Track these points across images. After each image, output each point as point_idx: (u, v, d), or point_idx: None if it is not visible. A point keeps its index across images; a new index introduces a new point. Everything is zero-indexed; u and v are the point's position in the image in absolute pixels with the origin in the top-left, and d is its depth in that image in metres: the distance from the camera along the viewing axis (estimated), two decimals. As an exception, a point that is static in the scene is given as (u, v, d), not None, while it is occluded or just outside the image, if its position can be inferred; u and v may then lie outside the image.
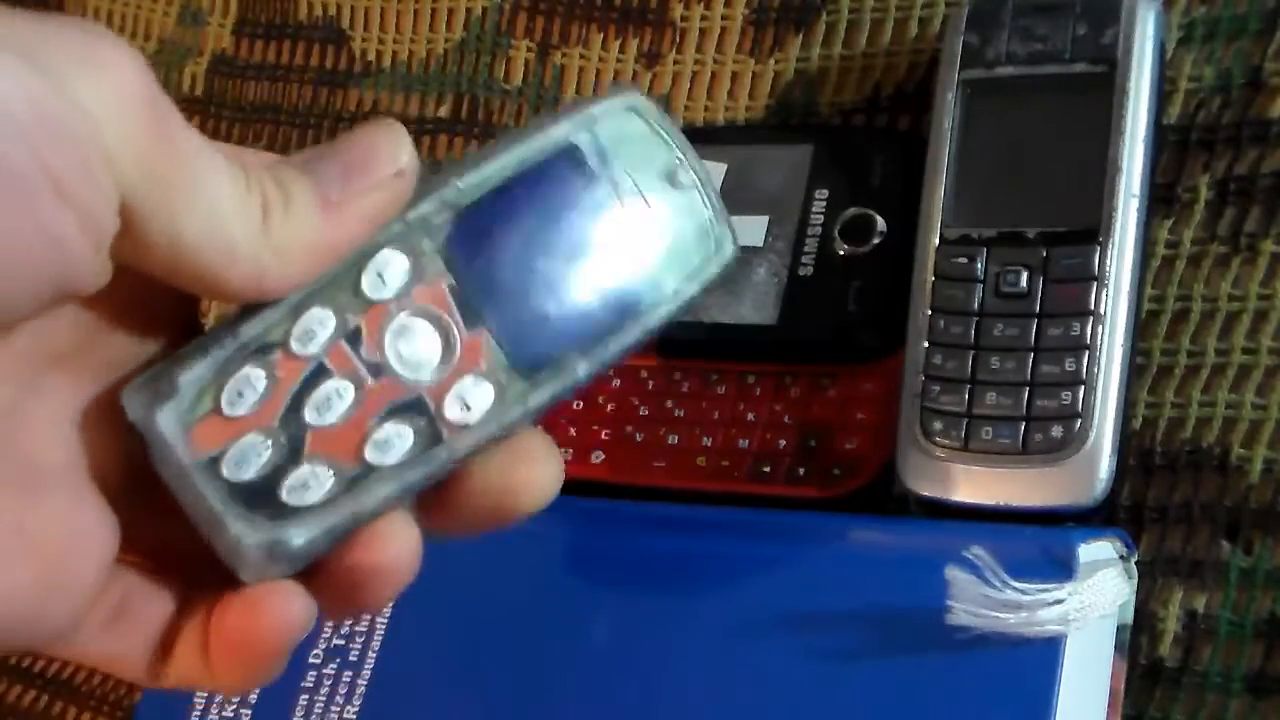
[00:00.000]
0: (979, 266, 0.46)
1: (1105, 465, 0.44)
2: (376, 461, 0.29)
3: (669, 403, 0.52)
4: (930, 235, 0.47)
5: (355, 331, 0.30)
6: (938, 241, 0.47)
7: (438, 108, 0.63)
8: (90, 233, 0.26)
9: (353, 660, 0.49)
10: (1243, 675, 0.44)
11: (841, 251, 0.50)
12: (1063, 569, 0.41)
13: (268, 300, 0.29)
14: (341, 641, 0.49)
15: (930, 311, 0.46)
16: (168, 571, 0.31)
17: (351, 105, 0.65)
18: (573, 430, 0.53)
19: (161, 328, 0.30)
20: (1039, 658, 0.40)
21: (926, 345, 0.46)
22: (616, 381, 0.53)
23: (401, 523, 0.30)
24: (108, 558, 0.29)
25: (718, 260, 0.32)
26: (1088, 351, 0.44)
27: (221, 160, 0.28)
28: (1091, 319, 0.44)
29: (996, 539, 0.41)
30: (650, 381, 0.53)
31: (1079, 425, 0.44)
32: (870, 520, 0.47)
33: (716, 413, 0.51)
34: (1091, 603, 0.40)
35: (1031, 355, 0.45)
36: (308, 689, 0.49)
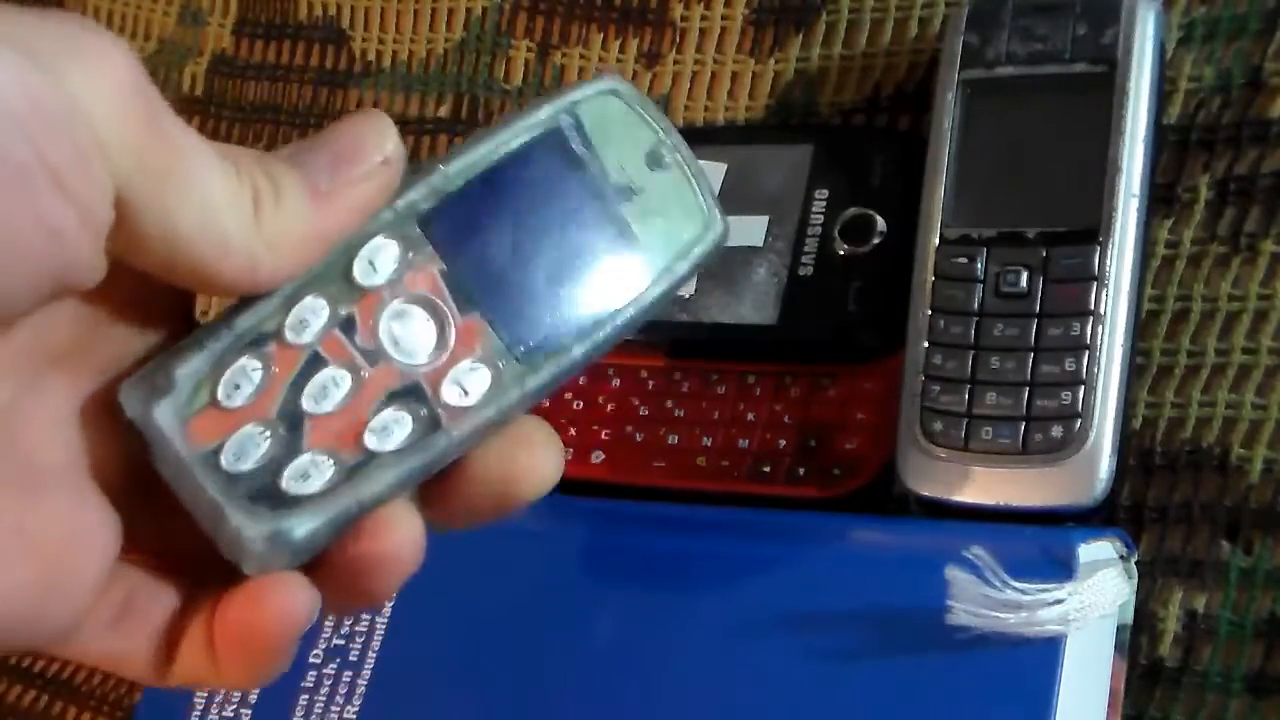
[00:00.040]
0: (979, 266, 0.46)
1: (1105, 465, 0.44)
2: (376, 448, 0.29)
3: (669, 403, 0.52)
4: (930, 235, 0.47)
5: (349, 319, 0.30)
6: (938, 241, 0.47)
7: (438, 108, 0.63)
8: (88, 224, 0.26)
9: (353, 660, 0.49)
10: (1243, 675, 0.44)
11: (841, 251, 0.50)
12: (1063, 569, 0.41)
13: (261, 292, 0.29)
14: (341, 641, 0.49)
15: (930, 311, 0.46)
16: (171, 570, 0.31)
17: (352, 105, 0.65)
18: (573, 430, 0.53)
19: (158, 326, 0.30)
20: (1039, 658, 0.40)
21: (926, 345, 0.46)
22: (616, 381, 0.53)
23: (404, 511, 0.30)
24: (110, 557, 0.29)
25: (708, 238, 0.33)
26: (1088, 351, 0.44)
27: (212, 153, 0.28)
28: (1091, 319, 0.44)
29: (996, 539, 0.41)
30: (650, 381, 0.53)
31: (1079, 425, 0.44)
32: (870, 520, 0.47)
33: (716, 413, 0.51)
34: (1091, 603, 0.40)
35: (1031, 355, 0.45)
36: (308, 689, 0.49)
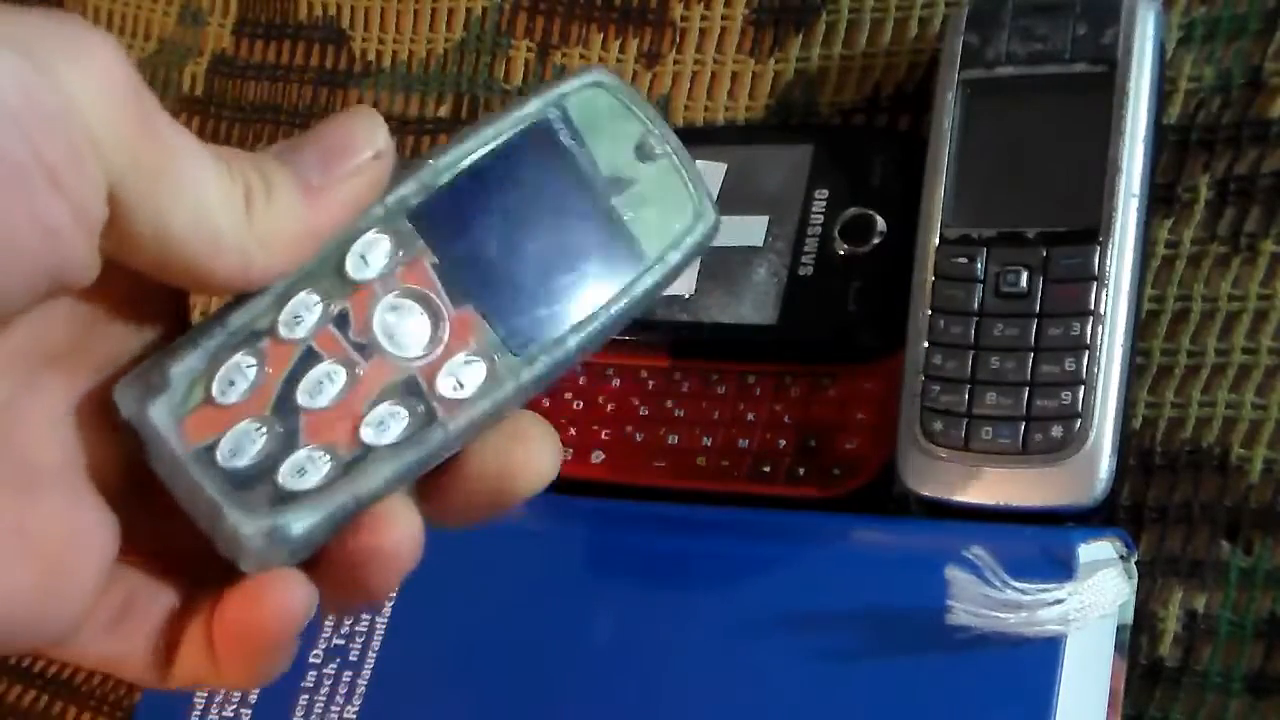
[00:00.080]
0: (979, 266, 0.46)
1: (1105, 465, 0.44)
2: (372, 442, 0.29)
3: (669, 403, 0.52)
4: (930, 235, 0.47)
5: (342, 315, 0.30)
6: (938, 241, 0.47)
7: (438, 108, 0.63)
8: (82, 222, 0.26)
9: (353, 660, 0.49)
10: (1243, 675, 0.44)
11: (841, 251, 0.50)
12: (1063, 569, 0.41)
13: (254, 290, 0.29)
14: (341, 641, 0.49)
15: (930, 311, 0.46)
16: (170, 571, 0.31)
17: (354, 105, 0.65)
18: (573, 430, 0.53)
19: (153, 325, 0.30)
20: (1039, 658, 0.40)
21: (926, 345, 0.46)
22: (616, 381, 0.53)
23: (402, 507, 0.30)
24: (108, 558, 0.29)
25: (699, 228, 0.33)
26: (1088, 351, 0.44)
27: (204, 152, 0.28)
28: (1091, 319, 0.44)
29: (996, 539, 0.41)
30: (650, 381, 0.53)
31: (1079, 425, 0.44)
32: (870, 520, 0.47)
33: (716, 413, 0.51)
34: (1091, 603, 0.40)
35: (1031, 355, 0.45)
36: (308, 689, 0.49)
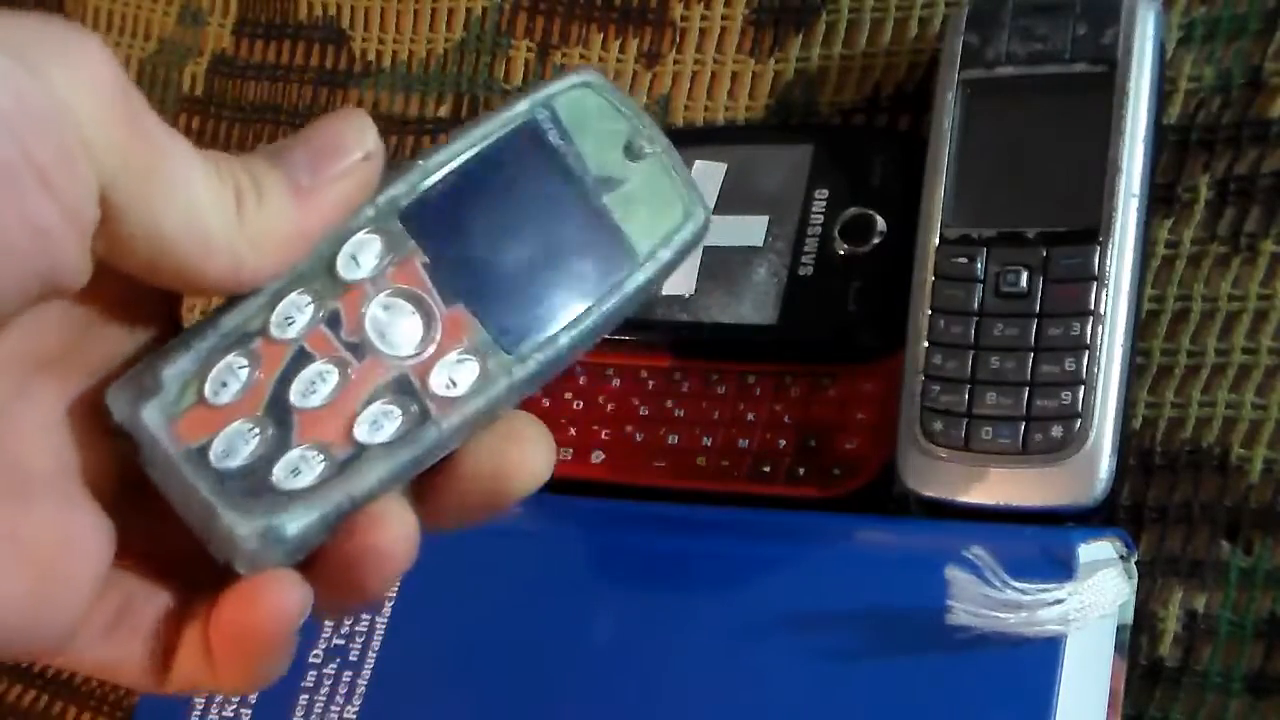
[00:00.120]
0: (979, 266, 0.46)
1: (1105, 465, 0.44)
2: (366, 441, 0.30)
3: (669, 403, 0.52)
4: (930, 235, 0.47)
5: (334, 315, 0.30)
6: (938, 241, 0.47)
7: (438, 108, 0.63)
8: (74, 223, 0.26)
9: (353, 660, 0.49)
10: (1243, 675, 0.44)
11: (841, 251, 0.50)
12: (1063, 569, 0.41)
13: (246, 291, 0.29)
14: (341, 641, 0.49)
15: (930, 311, 0.46)
16: (166, 575, 0.31)
17: (351, 105, 0.65)
18: (573, 430, 0.53)
19: (145, 329, 0.30)
20: (1039, 658, 0.40)
21: (926, 345, 0.46)
22: (616, 381, 0.53)
23: (397, 506, 0.30)
24: (103, 563, 0.29)
25: (689, 225, 0.33)
26: (1088, 351, 0.44)
27: (195, 154, 0.28)
28: (1091, 319, 0.44)
29: (996, 539, 0.41)
30: (650, 381, 0.53)
31: (1079, 425, 0.44)
32: (870, 520, 0.47)
33: (716, 413, 0.51)
34: (1091, 603, 0.40)
35: (1031, 355, 0.45)
36: (308, 689, 0.49)
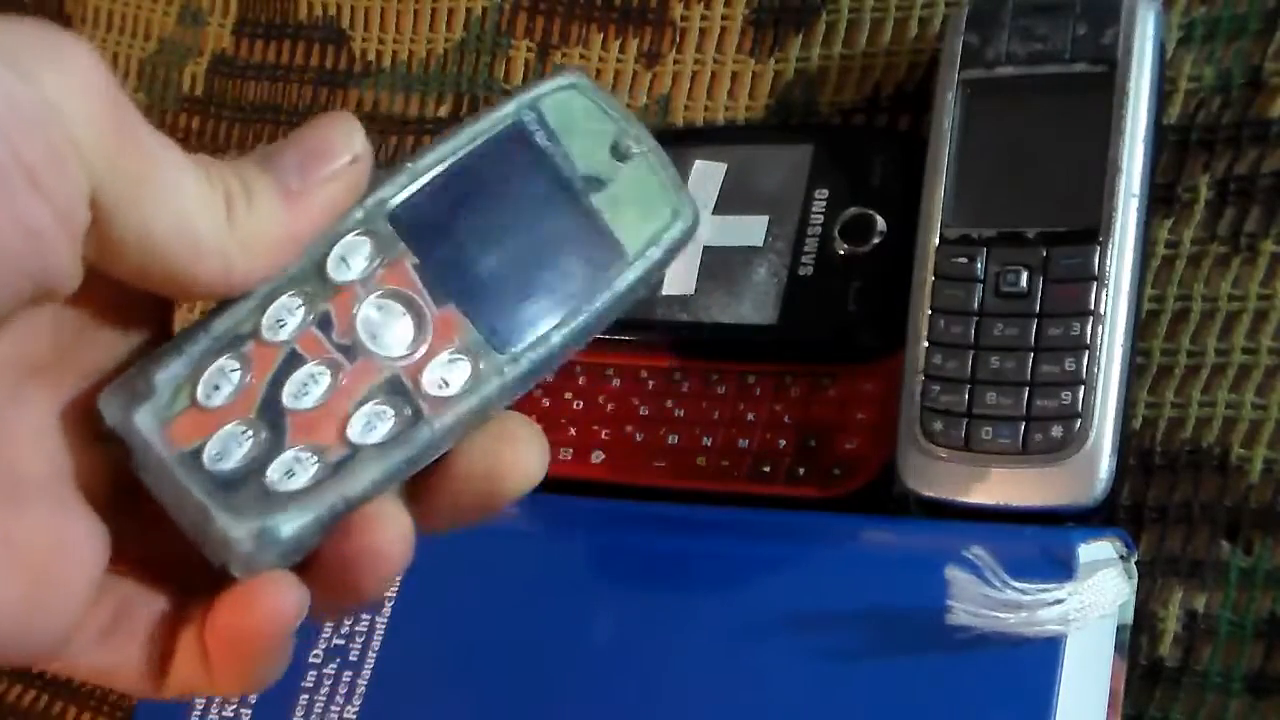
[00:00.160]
0: (979, 266, 0.46)
1: (1105, 465, 0.44)
2: (359, 442, 0.30)
3: (669, 403, 0.52)
4: (930, 235, 0.47)
5: (325, 316, 0.30)
6: (938, 241, 0.47)
7: (438, 108, 0.63)
8: (65, 225, 0.26)
9: (353, 660, 0.49)
10: (1243, 675, 0.44)
11: (841, 251, 0.50)
12: (1063, 569, 0.41)
13: (237, 295, 0.30)
14: (341, 641, 0.49)
15: (930, 311, 0.46)
16: (161, 580, 0.31)
17: (351, 105, 0.65)
18: (573, 430, 0.53)
19: (137, 334, 0.30)
20: (1039, 658, 0.40)
21: (926, 345, 0.46)
22: (616, 381, 0.53)
23: (392, 507, 0.30)
24: (97, 568, 0.29)
25: (678, 224, 0.33)
26: (1088, 351, 0.44)
27: (184, 158, 0.28)
28: (1091, 319, 0.44)
29: (996, 539, 0.41)
30: (650, 381, 0.53)
31: (1079, 425, 0.44)
32: (870, 520, 0.47)
33: (716, 413, 0.51)
34: (1091, 603, 0.40)
35: (1031, 355, 0.45)
36: (308, 689, 0.49)
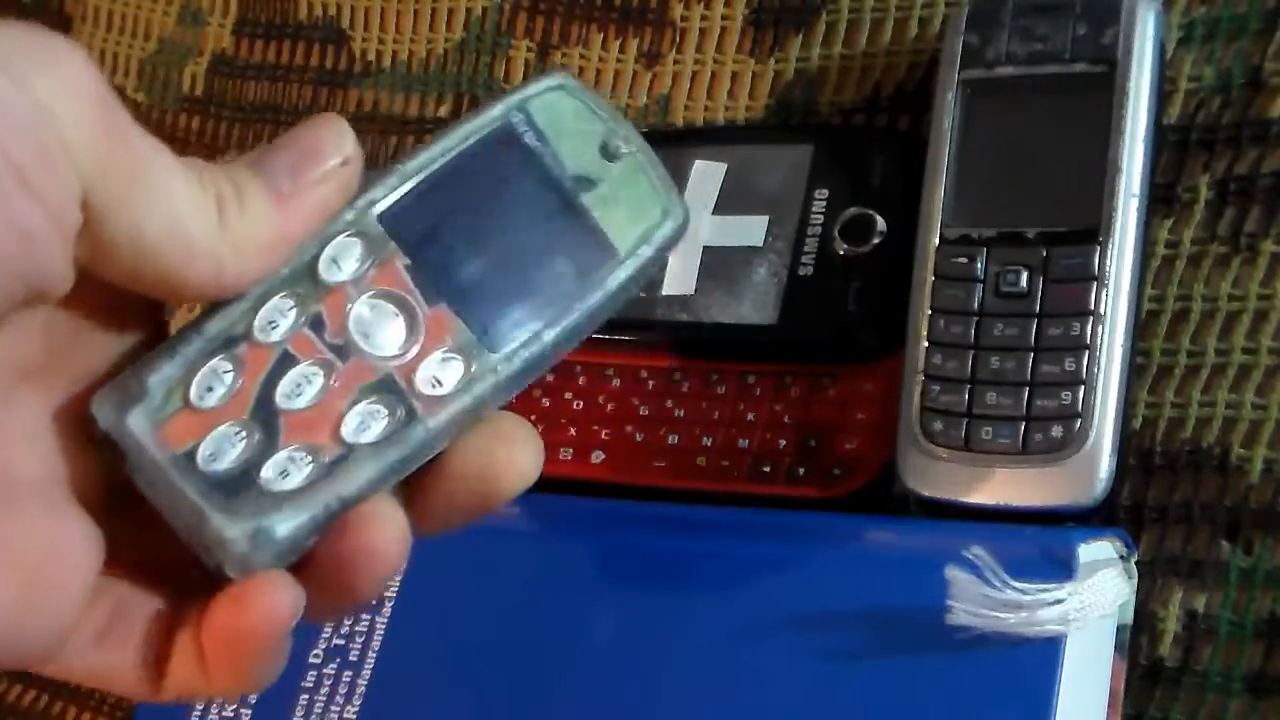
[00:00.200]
0: (979, 266, 0.46)
1: (1105, 465, 0.44)
2: (353, 441, 0.30)
3: (669, 403, 0.52)
4: (930, 235, 0.47)
5: (317, 317, 0.30)
6: (938, 241, 0.47)
7: (438, 108, 0.63)
8: (56, 226, 0.26)
9: (353, 660, 0.49)
10: (1243, 675, 0.44)
11: (841, 251, 0.50)
12: (1063, 569, 0.41)
13: (229, 297, 0.30)
14: (341, 641, 0.49)
15: (930, 311, 0.46)
16: (156, 583, 0.31)
17: (351, 105, 0.65)
18: (573, 430, 0.53)
19: (130, 337, 0.30)
20: (1039, 658, 0.40)
21: (926, 345, 0.46)
22: (616, 381, 0.53)
23: (387, 506, 0.30)
24: (91, 571, 0.29)
25: (668, 223, 0.33)
26: (1088, 351, 0.44)
27: (175, 160, 0.28)
28: (1091, 319, 0.44)
29: (996, 539, 0.41)
30: (650, 381, 0.53)
31: (1079, 425, 0.44)
32: (870, 520, 0.47)
33: (716, 413, 0.51)
34: (1091, 603, 0.40)
35: (1031, 355, 0.45)
36: (308, 689, 0.49)
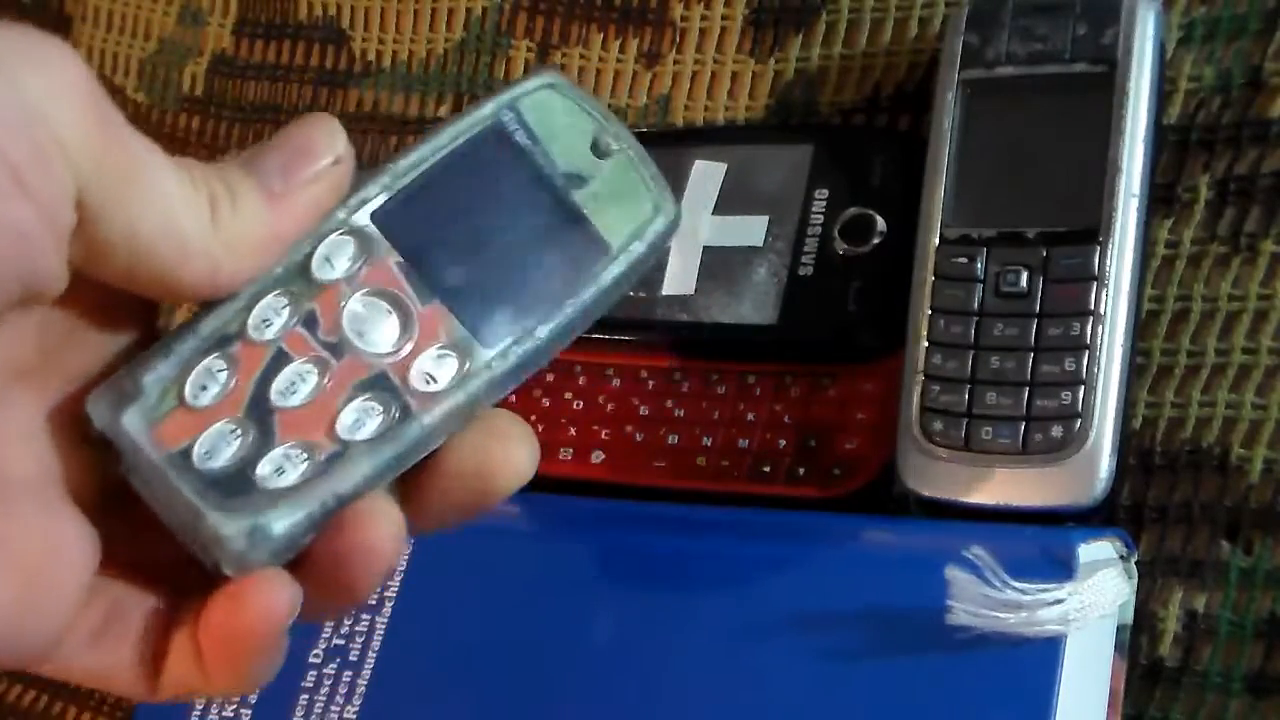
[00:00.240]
0: (979, 266, 0.46)
1: (1105, 465, 0.44)
2: (349, 438, 0.30)
3: (669, 403, 0.52)
4: (930, 235, 0.47)
5: (311, 315, 0.30)
6: (938, 241, 0.47)
7: (438, 108, 0.63)
8: (50, 226, 0.26)
9: (353, 660, 0.49)
10: (1243, 675, 0.44)
11: (841, 251, 0.50)
12: (1063, 569, 0.41)
13: (222, 296, 0.30)
14: (341, 641, 0.49)
15: (930, 311, 0.46)
16: (153, 582, 0.31)
17: (351, 105, 0.65)
18: (573, 430, 0.53)
19: (124, 337, 0.30)
20: (1039, 658, 0.40)
21: (926, 345, 0.46)
22: (616, 381, 0.53)
23: (383, 503, 0.30)
24: (88, 571, 0.29)
25: (660, 219, 0.33)
26: (1088, 351, 0.44)
27: (168, 160, 0.28)
28: (1091, 319, 0.44)
29: (996, 539, 0.41)
30: (650, 381, 0.53)
31: (1079, 425, 0.44)
32: (870, 520, 0.47)
33: (716, 413, 0.51)
34: (1091, 603, 0.40)
35: (1031, 355, 0.45)
36: (308, 689, 0.49)
